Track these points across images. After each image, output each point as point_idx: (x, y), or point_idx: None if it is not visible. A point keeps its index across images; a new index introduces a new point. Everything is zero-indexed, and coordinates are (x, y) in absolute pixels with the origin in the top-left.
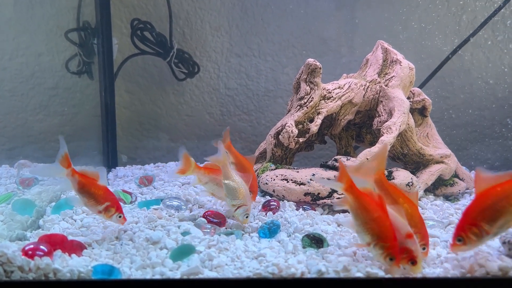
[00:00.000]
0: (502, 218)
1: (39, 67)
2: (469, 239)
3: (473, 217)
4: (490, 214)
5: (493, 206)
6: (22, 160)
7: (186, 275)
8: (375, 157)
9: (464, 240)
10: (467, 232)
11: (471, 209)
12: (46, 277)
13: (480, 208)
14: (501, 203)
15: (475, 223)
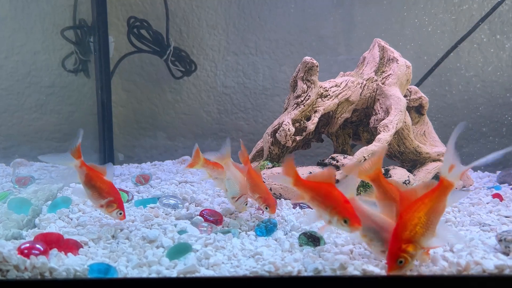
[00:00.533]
0: (430, 230)
1: (35, 66)
2: (411, 257)
3: (407, 236)
4: (420, 227)
5: (419, 220)
6: (18, 159)
7: (183, 273)
8: (372, 156)
9: (405, 261)
10: (406, 251)
11: (402, 228)
12: (42, 276)
13: (409, 225)
14: (425, 216)
15: (410, 239)
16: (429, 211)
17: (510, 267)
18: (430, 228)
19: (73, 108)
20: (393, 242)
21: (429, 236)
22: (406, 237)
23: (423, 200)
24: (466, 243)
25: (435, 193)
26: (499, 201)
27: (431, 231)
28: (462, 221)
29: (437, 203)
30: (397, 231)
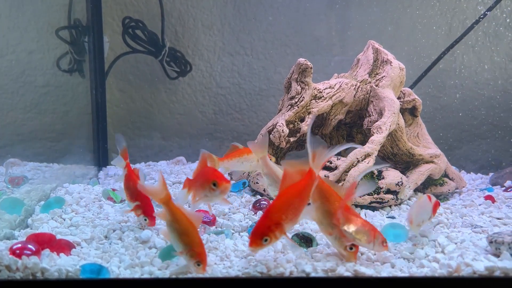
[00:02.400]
0: (296, 216)
1: (29, 65)
2: (275, 237)
3: (277, 216)
4: (290, 213)
5: (290, 205)
6: (11, 158)
7: (175, 274)
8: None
9: (269, 240)
10: (274, 231)
11: (275, 209)
12: (34, 276)
13: (281, 206)
14: (296, 202)
15: (279, 222)
16: (299, 198)
17: (501, 269)
18: (297, 215)
19: (68, 107)
20: (264, 220)
21: (294, 222)
22: (277, 218)
23: (298, 186)
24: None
25: (306, 182)
26: (491, 203)
27: (296, 219)
28: (454, 222)
29: (306, 191)
30: (270, 211)
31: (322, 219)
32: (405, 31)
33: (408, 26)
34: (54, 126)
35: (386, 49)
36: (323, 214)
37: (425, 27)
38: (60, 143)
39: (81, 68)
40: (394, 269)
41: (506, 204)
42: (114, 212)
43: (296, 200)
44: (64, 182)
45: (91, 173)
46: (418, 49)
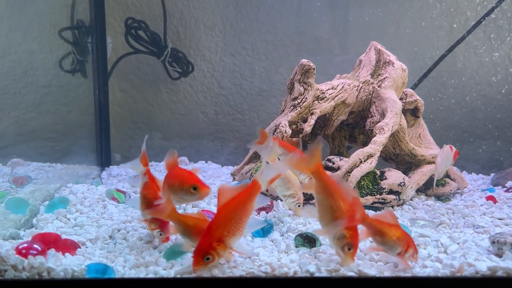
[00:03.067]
0: (240, 231)
1: (31, 65)
2: (218, 256)
3: (218, 233)
4: (232, 227)
5: (232, 220)
6: (15, 158)
7: (180, 274)
8: (310, 151)
9: (212, 258)
10: (216, 248)
11: (215, 225)
12: (40, 276)
13: (222, 222)
14: (238, 216)
15: (221, 238)
16: (241, 211)
17: (503, 269)
18: (240, 229)
19: (70, 108)
20: (205, 237)
21: (238, 236)
22: (218, 235)
23: (238, 199)
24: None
25: (247, 193)
26: (493, 204)
27: (240, 232)
28: (456, 223)
29: (248, 203)
30: (211, 228)
31: (323, 216)
32: (407, 32)
33: (409, 27)
34: (56, 126)
35: (388, 50)
36: (325, 209)
37: (427, 28)
38: (62, 143)
39: (83, 69)
40: (397, 269)
41: (508, 205)
42: (118, 212)
43: (237, 213)
44: (67, 182)
45: (94, 173)
46: (420, 50)
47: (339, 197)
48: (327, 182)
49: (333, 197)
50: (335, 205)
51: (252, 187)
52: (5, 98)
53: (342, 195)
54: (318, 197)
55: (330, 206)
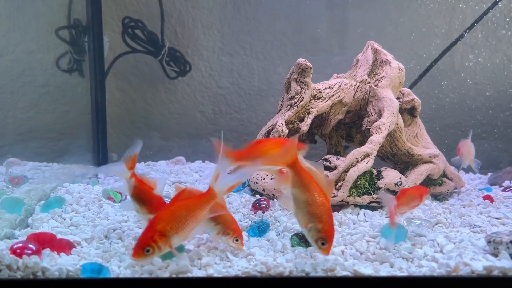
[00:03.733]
0: (185, 232)
1: (29, 65)
2: (158, 249)
3: (161, 226)
4: (176, 226)
5: (180, 218)
6: (11, 158)
7: (175, 273)
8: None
9: (152, 251)
10: (157, 241)
11: (160, 219)
12: (35, 276)
13: (167, 217)
14: (187, 217)
15: (163, 232)
16: (189, 214)
17: (499, 269)
18: (185, 230)
19: (67, 107)
20: (148, 229)
21: (182, 237)
22: (161, 229)
23: (190, 202)
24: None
25: (200, 200)
26: (490, 203)
27: (185, 234)
28: (453, 222)
29: (199, 209)
30: (155, 221)
31: (298, 209)
32: (405, 31)
33: (407, 26)
34: (53, 125)
35: (385, 49)
36: (301, 203)
37: (424, 27)
38: (59, 142)
39: (80, 68)
40: (393, 269)
41: (505, 204)
42: (114, 212)
43: (185, 213)
44: (64, 182)
45: (91, 172)
46: (417, 49)
47: (315, 190)
48: (303, 176)
49: (309, 191)
50: (311, 199)
51: (206, 195)
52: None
53: (318, 189)
54: (294, 191)
55: (305, 200)
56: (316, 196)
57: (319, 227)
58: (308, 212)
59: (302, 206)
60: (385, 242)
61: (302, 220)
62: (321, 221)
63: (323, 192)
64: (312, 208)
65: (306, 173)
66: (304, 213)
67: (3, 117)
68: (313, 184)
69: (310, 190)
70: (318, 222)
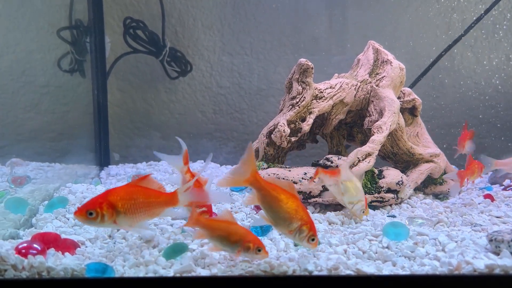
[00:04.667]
0: (137, 216)
1: (30, 65)
2: (101, 217)
3: (113, 198)
4: (128, 205)
5: (134, 201)
6: (14, 158)
7: (179, 273)
8: (243, 161)
9: (95, 215)
10: (103, 209)
11: (115, 192)
12: (40, 276)
13: (123, 193)
14: (139, 201)
15: (113, 204)
16: (145, 201)
17: (500, 267)
18: (134, 216)
19: (68, 107)
20: (99, 196)
21: (128, 220)
22: (112, 201)
23: (151, 192)
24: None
25: (161, 196)
26: (491, 202)
27: (132, 219)
28: (454, 221)
29: (156, 204)
30: (110, 192)
31: (278, 222)
32: (405, 31)
33: (407, 26)
34: (55, 125)
35: (386, 49)
36: (277, 215)
37: (424, 26)
38: (61, 142)
39: (82, 68)
40: (395, 267)
41: (505, 203)
42: None
43: (142, 200)
44: (66, 182)
45: (93, 172)
46: (418, 49)
47: (284, 196)
48: (268, 189)
49: (279, 201)
50: (285, 207)
51: (169, 196)
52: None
53: (285, 192)
54: (266, 207)
55: (279, 210)
56: (287, 201)
57: (303, 228)
58: (287, 218)
59: (279, 216)
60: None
61: (285, 229)
62: (302, 221)
63: (290, 193)
64: (289, 214)
65: (269, 184)
66: (284, 222)
67: (4, 117)
68: (279, 190)
69: (280, 199)
70: (301, 224)
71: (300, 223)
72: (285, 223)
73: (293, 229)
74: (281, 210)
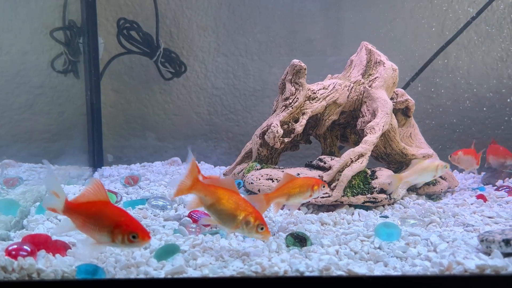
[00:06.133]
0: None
1: (24, 66)
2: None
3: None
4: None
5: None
6: (6, 160)
7: (170, 274)
8: (187, 172)
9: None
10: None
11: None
12: (30, 277)
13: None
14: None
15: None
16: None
17: (491, 267)
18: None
19: (63, 108)
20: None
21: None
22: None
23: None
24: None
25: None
26: (483, 202)
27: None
28: (446, 221)
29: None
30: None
31: (221, 218)
32: (398, 32)
33: (401, 27)
34: (49, 127)
35: (379, 50)
36: (225, 215)
37: (418, 28)
38: (55, 144)
39: (75, 69)
40: (387, 268)
41: (498, 203)
42: None
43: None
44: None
45: (86, 174)
46: (411, 50)
47: (224, 194)
48: (210, 192)
49: (221, 199)
50: (226, 203)
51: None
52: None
53: (224, 190)
54: (212, 210)
55: (226, 210)
56: (227, 197)
57: (249, 218)
58: (230, 213)
59: (223, 214)
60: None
61: (232, 225)
62: (246, 211)
63: (229, 190)
64: (231, 208)
65: (208, 186)
66: (229, 218)
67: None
68: (218, 190)
69: (222, 197)
70: (245, 215)
71: (244, 214)
72: (230, 219)
73: (238, 222)
74: (223, 207)
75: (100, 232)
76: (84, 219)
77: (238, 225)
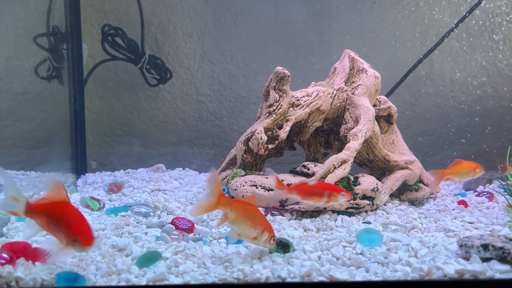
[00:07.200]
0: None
1: (6, 72)
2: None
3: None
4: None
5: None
6: None
7: (152, 281)
8: (210, 189)
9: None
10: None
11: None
12: (8, 286)
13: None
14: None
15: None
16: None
17: (470, 272)
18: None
19: (46, 115)
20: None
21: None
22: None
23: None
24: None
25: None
26: (464, 208)
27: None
28: (428, 227)
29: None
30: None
31: (243, 233)
32: (383, 40)
33: (385, 35)
34: (32, 133)
35: (364, 57)
36: (248, 230)
37: (402, 36)
38: (38, 150)
39: (60, 75)
40: (368, 273)
41: (478, 209)
42: (92, 220)
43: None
44: (41, 190)
45: (69, 180)
46: (395, 58)
47: (248, 209)
48: (235, 208)
49: (245, 215)
50: (251, 220)
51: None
52: None
53: (247, 204)
54: (236, 225)
55: (249, 225)
56: (252, 213)
57: (265, 233)
58: (251, 228)
59: (245, 228)
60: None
61: (250, 237)
62: (262, 227)
63: (250, 204)
64: (252, 224)
65: (232, 201)
66: (249, 231)
67: None
68: (242, 204)
69: (246, 213)
70: (262, 229)
71: (262, 228)
72: (249, 232)
73: (256, 235)
74: (246, 223)
75: (59, 232)
76: (47, 219)
77: (256, 237)
